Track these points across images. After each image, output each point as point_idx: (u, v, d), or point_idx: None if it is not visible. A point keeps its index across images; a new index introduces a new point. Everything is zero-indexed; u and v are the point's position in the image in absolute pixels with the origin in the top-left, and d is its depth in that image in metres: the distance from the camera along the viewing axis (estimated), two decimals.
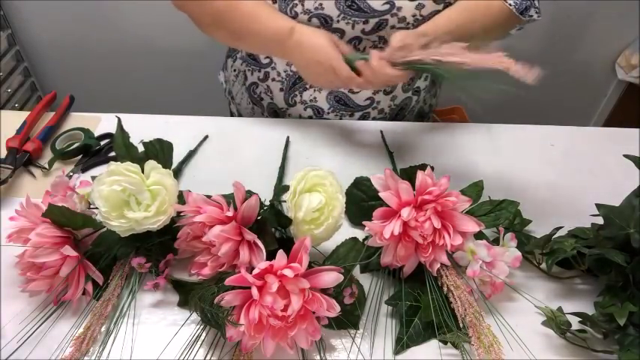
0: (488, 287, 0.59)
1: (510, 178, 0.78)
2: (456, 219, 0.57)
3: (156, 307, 0.61)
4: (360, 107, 0.90)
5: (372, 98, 0.89)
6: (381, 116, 0.93)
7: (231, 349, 0.54)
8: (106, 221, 0.57)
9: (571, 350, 0.56)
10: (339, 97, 0.89)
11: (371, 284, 0.62)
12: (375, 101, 0.90)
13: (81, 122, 0.86)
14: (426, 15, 0.77)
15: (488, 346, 0.53)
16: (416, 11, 0.77)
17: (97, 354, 0.55)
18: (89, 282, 0.59)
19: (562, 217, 0.67)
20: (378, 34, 0.79)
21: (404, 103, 0.93)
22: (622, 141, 0.84)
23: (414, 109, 0.98)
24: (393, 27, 0.78)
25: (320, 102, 0.90)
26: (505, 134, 0.89)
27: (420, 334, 0.57)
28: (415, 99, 0.95)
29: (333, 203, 0.57)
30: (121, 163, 0.58)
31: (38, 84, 1.77)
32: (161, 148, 0.69)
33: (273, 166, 0.79)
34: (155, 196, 0.57)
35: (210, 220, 0.56)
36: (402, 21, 0.77)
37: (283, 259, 0.51)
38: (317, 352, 0.56)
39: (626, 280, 0.56)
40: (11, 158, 0.77)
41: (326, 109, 0.91)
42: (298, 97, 0.90)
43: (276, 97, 0.92)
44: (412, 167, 0.63)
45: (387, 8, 0.76)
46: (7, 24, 1.59)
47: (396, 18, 0.77)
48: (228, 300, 0.50)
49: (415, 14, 0.77)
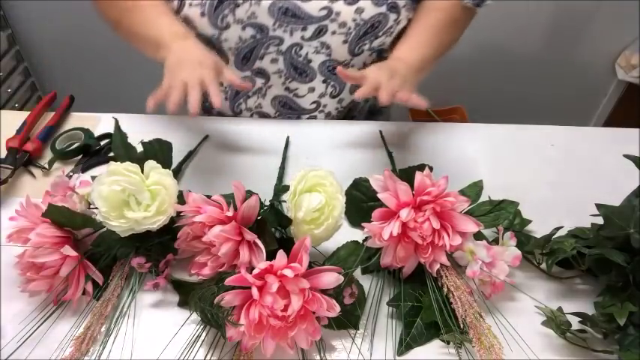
0: (489, 287, 0.59)
1: (510, 178, 0.78)
2: (455, 219, 0.57)
3: (156, 307, 0.61)
4: (307, 110, 0.89)
5: (318, 102, 0.88)
6: (329, 119, 0.91)
7: (231, 349, 0.54)
8: (106, 221, 0.57)
9: (571, 350, 0.56)
10: (284, 102, 0.88)
11: (371, 284, 0.62)
12: (321, 105, 0.89)
13: (81, 122, 0.86)
14: (367, 19, 0.75)
15: (488, 346, 0.53)
16: (356, 15, 0.75)
17: (97, 354, 0.55)
18: (89, 282, 0.59)
19: (562, 217, 0.67)
20: (319, 39, 0.77)
21: (352, 105, 0.92)
22: (622, 141, 0.84)
23: (364, 108, 0.97)
24: (334, 32, 0.76)
25: (265, 107, 0.89)
26: (505, 134, 0.89)
27: (422, 334, 0.57)
28: (364, 100, 0.93)
29: (333, 203, 0.57)
30: (120, 163, 0.58)
31: (38, 84, 1.77)
32: (160, 148, 0.69)
33: (273, 166, 0.79)
34: (155, 196, 0.57)
35: (210, 220, 0.56)
36: (342, 26, 0.76)
37: (283, 259, 0.51)
38: (317, 352, 0.56)
39: (626, 280, 0.56)
40: (11, 158, 0.77)
41: (272, 114, 0.90)
42: (243, 105, 0.90)
43: (223, 106, 0.92)
44: (411, 168, 0.63)
45: (324, 14, 0.74)
46: (7, 24, 1.59)
47: (336, 23, 0.75)
48: (228, 300, 0.50)
49: (355, 18, 0.75)
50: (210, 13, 0.74)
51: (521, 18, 1.56)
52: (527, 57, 1.66)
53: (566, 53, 1.66)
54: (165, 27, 0.75)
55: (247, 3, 0.73)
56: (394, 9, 0.76)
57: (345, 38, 0.78)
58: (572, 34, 1.62)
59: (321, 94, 0.87)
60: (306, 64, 0.81)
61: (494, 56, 1.65)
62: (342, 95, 0.89)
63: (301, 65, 0.81)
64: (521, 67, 1.68)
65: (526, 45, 1.63)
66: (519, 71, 1.69)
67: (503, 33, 1.59)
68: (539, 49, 1.64)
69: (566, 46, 1.64)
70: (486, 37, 1.59)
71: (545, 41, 1.63)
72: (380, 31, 0.77)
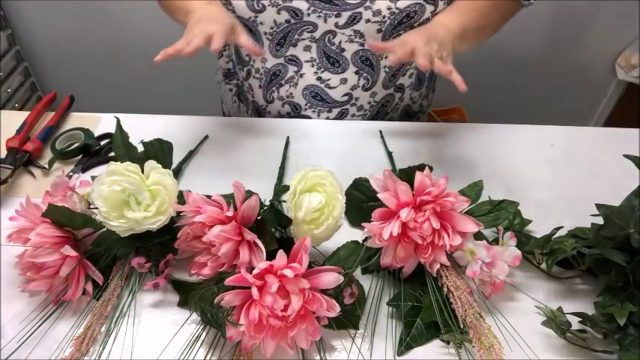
0: (489, 287, 0.59)
1: (510, 178, 0.78)
2: (455, 219, 0.57)
3: (156, 307, 0.61)
4: (338, 103, 0.89)
5: (350, 94, 0.88)
6: (361, 113, 0.91)
7: (231, 349, 0.54)
8: (106, 221, 0.57)
9: (571, 350, 0.56)
10: (316, 92, 0.87)
11: (371, 284, 0.62)
12: (353, 97, 0.88)
13: (81, 122, 0.86)
14: (402, 8, 0.74)
15: (488, 346, 0.53)
16: (391, 4, 0.74)
17: (97, 354, 0.55)
18: (89, 282, 0.59)
19: (562, 217, 0.67)
20: (353, 27, 0.77)
21: (385, 100, 0.92)
22: (622, 141, 0.84)
23: (398, 106, 0.96)
24: (368, 21, 0.76)
25: (296, 98, 0.89)
26: (505, 134, 0.89)
27: (422, 334, 0.57)
28: (398, 96, 0.93)
29: (333, 203, 0.57)
30: (120, 163, 0.58)
31: (38, 84, 1.77)
32: (161, 148, 0.69)
33: (273, 166, 0.79)
34: (155, 196, 0.57)
35: (210, 220, 0.56)
36: (377, 14, 0.75)
37: (283, 259, 0.51)
38: (317, 352, 0.56)
39: (626, 280, 0.56)
40: (11, 158, 0.77)
41: (303, 105, 0.89)
42: (275, 94, 0.89)
43: (257, 95, 0.92)
44: (411, 168, 0.63)
45: (359, 1, 0.74)
46: (7, 24, 1.59)
47: (370, 11, 0.75)
48: (228, 300, 0.50)
49: (390, 7, 0.74)
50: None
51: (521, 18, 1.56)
52: (527, 57, 1.65)
53: (566, 53, 1.66)
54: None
55: None
56: (432, 0, 0.76)
57: (379, 27, 0.77)
58: (572, 34, 1.62)
59: (354, 86, 0.87)
60: (339, 54, 0.81)
61: (494, 56, 1.65)
62: (374, 89, 0.88)
63: (334, 54, 0.81)
64: (521, 67, 1.68)
65: (526, 45, 1.63)
66: (519, 71, 1.69)
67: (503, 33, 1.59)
68: (539, 50, 1.64)
69: (566, 46, 1.64)
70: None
71: (545, 41, 1.63)
72: (415, 22, 0.76)
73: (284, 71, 0.85)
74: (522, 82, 1.72)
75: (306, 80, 0.86)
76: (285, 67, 0.85)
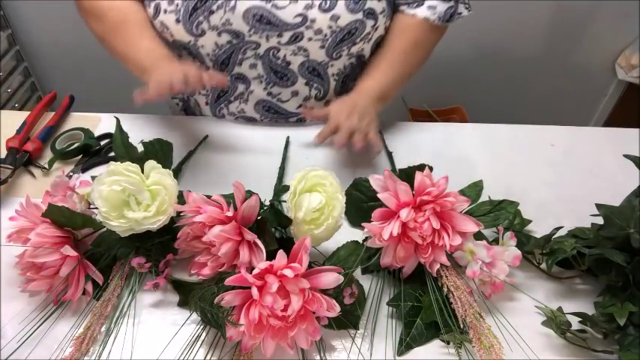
0: (489, 287, 0.59)
1: (510, 178, 0.78)
2: (455, 219, 0.57)
3: (156, 307, 0.61)
4: (294, 114, 0.89)
5: (304, 105, 0.88)
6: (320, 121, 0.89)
7: (231, 349, 0.55)
8: (106, 221, 0.57)
9: (571, 350, 0.56)
10: (269, 106, 0.87)
11: (371, 284, 0.62)
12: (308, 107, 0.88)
13: (81, 122, 0.86)
14: (343, 26, 0.74)
15: (488, 346, 0.53)
16: (331, 22, 0.74)
17: (97, 354, 0.55)
18: (89, 282, 0.59)
19: (562, 217, 0.67)
20: (296, 44, 0.77)
21: None
22: (622, 141, 0.84)
23: None
24: (310, 39, 0.76)
25: (249, 112, 0.88)
26: (505, 134, 0.89)
27: (422, 334, 0.57)
28: None
29: (333, 203, 0.57)
30: (120, 163, 0.58)
31: (38, 84, 1.77)
32: (161, 148, 0.69)
33: (273, 166, 0.79)
34: (155, 196, 0.57)
35: (210, 220, 0.56)
36: (318, 33, 0.75)
37: (283, 259, 0.51)
38: (317, 352, 0.56)
39: (626, 280, 0.56)
40: (11, 158, 0.77)
41: (258, 118, 0.89)
42: (225, 110, 0.89)
43: (204, 110, 0.92)
44: (411, 168, 0.63)
45: (299, 21, 0.73)
46: (7, 24, 1.59)
47: (312, 30, 0.75)
48: (228, 300, 0.50)
49: (331, 26, 0.74)
50: (184, 19, 0.73)
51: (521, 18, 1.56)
52: (528, 57, 1.65)
53: (566, 53, 1.66)
54: (147, 51, 0.77)
55: (221, 10, 0.72)
56: (371, 15, 0.76)
57: (322, 44, 0.77)
58: (572, 34, 1.62)
59: (306, 97, 0.87)
60: (285, 67, 0.81)
61: (494, 56, 1.65)
62: (327, 97, 0.88)
63: (280, 69, 0.81)
64: (521, 67, 1.68)
65: (526, 45, 1.63)
66: (519, 71, 1.69)
67: (503, 33, 1.59)
68: (539, 49, 1.64)
69: (566, 46, 1.64)
70: (486, 37, 1.59)
71: (545, 41, 1.63)
72: (357, 38, 0.77)
73: (232, 88, 0.85)
74: (522, 82, 1.71)
75: (257, 96, 0.86)
76: (233, 84, 0.84)
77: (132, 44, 0.78)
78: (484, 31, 1.55)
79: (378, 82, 0.82)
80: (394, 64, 0.82)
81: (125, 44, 0.78)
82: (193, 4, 0.72)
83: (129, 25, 0.78)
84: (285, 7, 0.72)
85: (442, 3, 0.79)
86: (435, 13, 0.79)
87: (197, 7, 0.72)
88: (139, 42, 0.77)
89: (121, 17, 0.78)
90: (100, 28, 0.80)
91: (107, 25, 0.79)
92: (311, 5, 0.72)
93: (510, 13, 1.54)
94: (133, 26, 0.78)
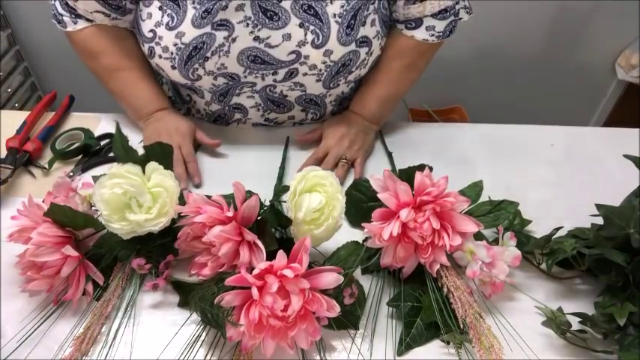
0: (489, 287, 0.59)
1: (510, 178, 0.78)
2: (454, 219, 0.57)
3: (156, 308, 0.61)
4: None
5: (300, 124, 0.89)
6: None
7: (231, 349, 0.55)
8: (108, 224, 0.57)
9: (571, 350, 0.56)
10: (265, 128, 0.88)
11: (371, 285, 0.62)
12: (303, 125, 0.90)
13: (81, 122, 0.86)
14: (337, 59, 0.74)
15: (488, 346, 0.53)
16: (325, 58, 0.73)
17: (97, 354, 0.55)
18: (89, 282, 0.59)
19: (562, 217, 0.67)
20: (292, 80, 0.77)
21: None
22: (622, 141, 0.84)
23: None
24: (305, 74, 0.76)
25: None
26: (505, 134, 0.89)
27: (422, 334, 0.57)
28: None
29: (333, 203, 0.57)
30: (121, 166, 0.58)
31: (38, 84, 1.77)
32: (162, 151, 0.69)
33: (273, 166, 0.79)
34: (156, 198, 0.57)
35: (211, 220, 0.56)
36: (313, 68, 0.75)
37: (283, 259, 0.51)
38: (317, 353, 0.56)
39: (626, 280, 0.56)
40: (11, 158, 0.77)
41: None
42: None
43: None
44: (411, 168, 0.63)
45: (293, 58, 0.73)
46: (7, 24, 1.59)
47: (306, 66, 0.74)
48: (228, 300, 0.50)
49: (325, 61, 0.74)
50: (180, 67, 0.73)
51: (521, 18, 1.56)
52: (527, 57, 1.65)
53: (566, 53, 1.66)
54: (143, 100, 0.80)
55: (216, 56, 0.72)
56: (364, 43, 0.75)
57: (318, 78, 0.77)
58: (572, 34, 1.62)
59: (302, 120, 0.88)
60: (282, 99, 0.82)
61: (494, 56, 1.65)
62: (324, 118, 0.89)
63: (278, 99, 0.82)
64: (521, 67, 1.68)
65: (526, 45, 1.63)
66: (519, 71, 1.69)
67: (503, 33, 1.59)
68: (539, 50, 1.64)
69: (566, 46, 1.64)
70: (486, 38, 1.59)
71: (545, 41, 1.63)
72: (353, 67, 0.76)
73: (229, 115, 0.86)
74: (522, 82, 1.71)
75: (253, 121, 0.87)
76: (230, 112, 0.85)
77: (126, 89, 0.81)
78: (484, 31, 1.55)
79: (375, 105, 0.83)
80: (390, 86, 0.83)
81: (120, 88, 0.81)
82: (187, 53, 0.71)
83: (124, 71, 0.80)
84: (279, 45, 0.72)
85: (441, 22, 0.78)
86: (433, 34, 0.78)
87: (192, 55, 0.71)
88: (133, 89, 0.80)
89: (117, 64, 0.80)
90: (94, 67, 0.81)
91: (101, 66, 0.80)
92: (304, 42, 0.72)
93: (510, 13, 1.54)
94: (128, 72, 0.80)
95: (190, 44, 0.70)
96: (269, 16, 0.70)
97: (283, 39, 0.71)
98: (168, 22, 0.70)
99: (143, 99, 0.81)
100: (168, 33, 0.70)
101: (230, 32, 0.70)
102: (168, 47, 0.71)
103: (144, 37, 0.73)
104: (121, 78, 0.80)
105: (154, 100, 0.81)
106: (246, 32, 0.71)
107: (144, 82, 0.81)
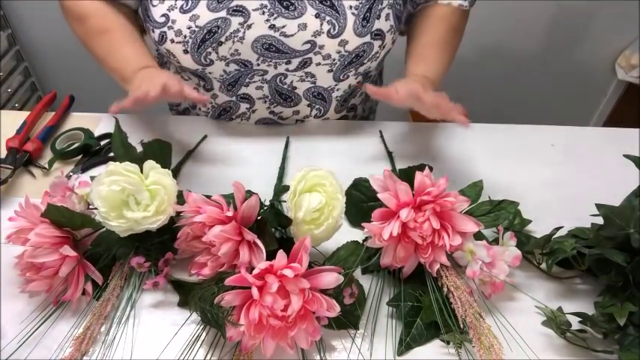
0: (489, 287, 0.59)
1: (510, 178, 0.78)
2: (454, 219, 0.57)
3: (156, 307, 0.61)
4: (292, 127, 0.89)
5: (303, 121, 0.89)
6: None
7: (231, 349, 0.54)
8: (105, 221, 0.57)
9: (571, 350, 0.56)
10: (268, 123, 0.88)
11: (371, 284, 0.62)
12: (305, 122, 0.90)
13: (81, 122, 0.86)
14: (351, 50, 0.75)
15: (488, 346, 0.53)
16: (340, 47, 0.74)
17: (97, 354, 0.55)
18: (89, 282, 0.59)
19: (562, 217, 0.67)
20: (304, 70, 0.77)
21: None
22: (622, 141, 0.84)
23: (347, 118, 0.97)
24: (318, 64, 0.76)
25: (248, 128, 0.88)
26: (505, 134, 0.89)
27: (422, 334, 0.57)
28: (352, 115, 0.95)
29: (333, 203, 0.57)
30: (119, 163, 0.58)
31: (38, 84, 1.77)
32: (160, 149, 0.69)
33: (273, 166, 0.79)
34: (154, 196, 0.57)
35: (210, 220, 0.56)
36: (326, 58, 0.75)
37: (283, 259, 0.51)
38: (317, 352, 0.56)
39: (626, 280, 0.56)
40: (11, 158, 0.77)
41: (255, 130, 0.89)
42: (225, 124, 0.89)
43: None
44: (411, 168, 0.63)
45: (308, 47, 0.74)
46: (7, 24, 1.59)
47: (320, 56, 0.75)
48: (228, 300, 0.50)
49: (339, 50, 0.75)
50: (193, 51, 0.73)
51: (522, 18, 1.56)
52: (528, 57, 1.66)
53: (566, 53, 1.66)
54: (129, 60, 0.77)
55: (230, 41, 0.72)
56: (378, 36, 0.76)
57: (330, 68, 0.78)
58: (572, 34, 1.62)
59: (306, 116, 0.88)
60: (291, 91, 0.82)
61: (495, 56, 1.65)
62: (327, 115, 0.89)
63: (286, 92, 0.82)
64: (522, 67, 1.68)
65: (526, 45, 1.63)
66: (519, 71, 1.69)
67: (503, 33, 1.59)
68: (539, 49, 1.64)
69: (566, 46, 1.65)
70: (486, 37, 1.59)
71: (546, 41, 1.63)
72: (365, 59, 0.77)
73: (235, 107, 0.85)
74: (522, 81, 1.72)
75: (259, 114, 0.87)
76: (236, 104, 0.85)
77: (113, 51, 0.78)
78: (484, 31, 1.55)
79: (430, 70, 0.80)
80: (441, 51, 0.83)
81: (106, 51, 0.79)
82: (202, 37, 0.71)
83: (111, 33, 0.79)
84: (294, 34, 0.73)
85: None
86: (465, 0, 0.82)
87: (206, 39, 0.72)
88: (120, 50, 0.78)
89: (104, 24, 0.79)
90: (82, 31, 0.81)
91: (89, 28, 0.80)
92: (320, 32, 0.72)
93: (510, 13, 1.54)
94: (115, 33, 0.79)
95: (205, 27, 0.70)
96: (285, 5, 0.71)
97: (299, 28, 0.72)
98: (183, 5, 0.70)
99: (129, 60, 0.78)
100: (182, 16, 0.71)
101: (245, 18, 0.71)
102: (182, 30, 0.71)
103: (155, 22, 0.73)
104: (107, 40, 0.79)
105: (140, 58, 0.78)
106: (261, 20, 0.71)
107: (130, 43, 0.79)
